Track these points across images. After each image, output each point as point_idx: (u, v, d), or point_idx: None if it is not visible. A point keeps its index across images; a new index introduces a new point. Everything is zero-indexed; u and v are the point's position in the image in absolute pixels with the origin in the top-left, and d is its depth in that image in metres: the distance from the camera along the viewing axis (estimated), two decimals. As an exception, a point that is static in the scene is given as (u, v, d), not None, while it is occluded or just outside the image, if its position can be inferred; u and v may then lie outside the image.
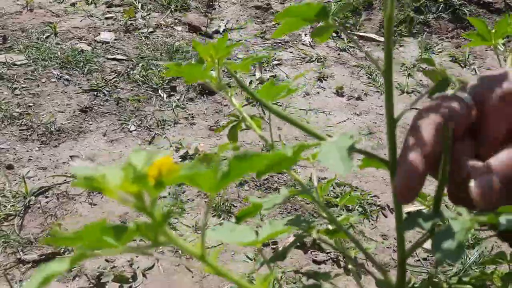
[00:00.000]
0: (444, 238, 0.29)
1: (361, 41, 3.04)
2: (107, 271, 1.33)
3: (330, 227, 0.54)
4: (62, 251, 1.41)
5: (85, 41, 2.69)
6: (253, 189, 1.75)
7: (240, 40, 2.92)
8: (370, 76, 2.60)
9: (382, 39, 3.06)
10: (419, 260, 1.42)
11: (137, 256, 1.41)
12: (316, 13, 0.33)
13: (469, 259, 1.40)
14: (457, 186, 0.35)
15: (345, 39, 2.98)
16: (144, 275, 1.35)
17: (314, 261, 1.41)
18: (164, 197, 1.66)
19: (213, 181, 0.31)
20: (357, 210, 1.62)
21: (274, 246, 1.50)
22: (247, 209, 0.53)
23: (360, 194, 1.69)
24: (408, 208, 0.76)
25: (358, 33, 3.11)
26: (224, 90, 0.62)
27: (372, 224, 1.59)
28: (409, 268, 1.41)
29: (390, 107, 0.35)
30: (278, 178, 1.82)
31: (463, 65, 2.71)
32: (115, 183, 0.27)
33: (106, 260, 1.39)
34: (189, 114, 2.18)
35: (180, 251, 1.44)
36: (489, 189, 0.31)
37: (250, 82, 2.49)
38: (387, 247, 1.48)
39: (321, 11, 0.33)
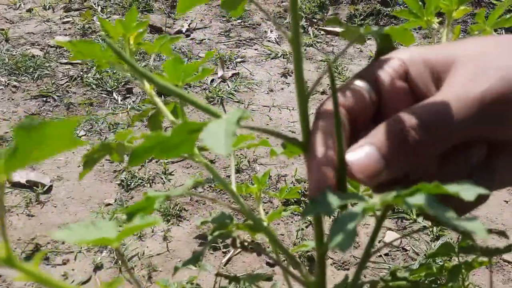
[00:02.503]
0: (345, 223, 0.25)
1: (328, 35, 2.96)
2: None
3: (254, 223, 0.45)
4: None
5: (37, 47, 2.56)
6: (208, 191, 1.64)
7: (203, 40, 2.83)
8: (336, 70, 2.52)
9: (349, 32, 2.99)
10: (380, 256, 1.31)
11: (73, 270, 1.29)
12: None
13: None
14: None
15: (311, 34, 2.89)
16: (78, 290, 1.23)
17: (268, 264, 1.30)
18: (110, 204, 1.54)
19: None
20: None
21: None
22: (139, 203, 0.43)
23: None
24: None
25: (325, 28, 3.03)
26: (137, 73, 0.52)
27: (329, 225, 1.49)
28: (370, 265, 1.31)
29: (300, 81, 0.33)
30: (240, 180, 1.71)
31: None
32: None
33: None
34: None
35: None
36: (362, 159, 0.30)
37: (212, 81, 2.39)
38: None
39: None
